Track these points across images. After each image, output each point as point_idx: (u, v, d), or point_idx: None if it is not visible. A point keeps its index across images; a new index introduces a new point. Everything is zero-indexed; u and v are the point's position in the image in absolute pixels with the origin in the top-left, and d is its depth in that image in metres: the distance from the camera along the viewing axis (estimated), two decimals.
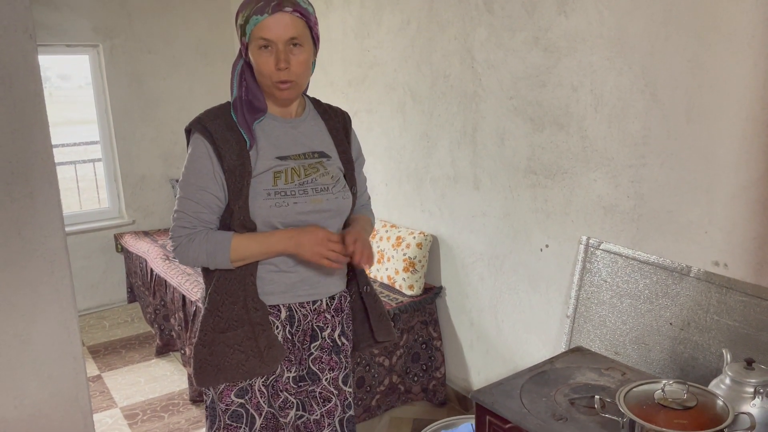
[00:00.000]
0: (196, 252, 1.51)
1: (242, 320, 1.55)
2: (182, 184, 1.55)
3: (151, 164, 4.49)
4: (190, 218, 1.52)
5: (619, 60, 2.08)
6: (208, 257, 1.51)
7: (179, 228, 1.54)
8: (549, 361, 1.99)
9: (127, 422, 3.02)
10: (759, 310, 1.80)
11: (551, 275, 2.47)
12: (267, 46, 1.47)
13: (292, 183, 1.56)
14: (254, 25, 1.46)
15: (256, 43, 1.48)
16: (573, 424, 1.64)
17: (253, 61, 1.50)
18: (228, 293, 1.55)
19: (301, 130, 1.63)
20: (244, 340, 1.54)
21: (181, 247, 1.53)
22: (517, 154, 2.53)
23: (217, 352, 1.55)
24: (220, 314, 1.55)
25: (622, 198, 2.15)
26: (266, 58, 1.48)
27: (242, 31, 1.50)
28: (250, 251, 1.52)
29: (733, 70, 1.79)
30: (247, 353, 1.55)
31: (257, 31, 1.46)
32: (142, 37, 4.32)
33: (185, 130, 1.59)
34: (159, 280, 3.60)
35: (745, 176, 1.80)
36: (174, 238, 1.55)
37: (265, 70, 1.49)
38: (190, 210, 1.52)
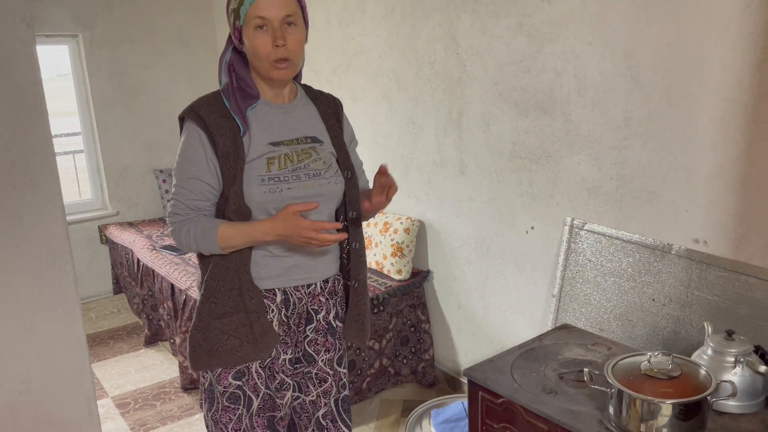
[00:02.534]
0: (187, 239, 1.55)
1: (237, 307, 1.58)
2: (176, 172, 1.58)
3: (134, 155, 4.46)
4: (183, 206, 1.56)
5: (601, 44, 2.13)
6: (197, 244, 1.55)
7: (174, 215, 1.58)
8: (537, 338, 2.06)
9: (119, 411, 3.04)
10: (737, 285, 1.88)
11: (537, 256, 2.53)
12: (263, 26, 1.49)
13: (285, 169, 1.57)
14: (249, 5, 1.48)
15: (251, 23, 1.50)
16: (563, 397, 1.70)
17: (249, 43, 1.52)
18: (223, 280, 1.57)
19: (293, 115, 1.65)
20: (238, 326, 1.58)
21: (175, 233, 1.58)
22: (502, 139, 2.58)
23: (211, 337, 1.59)
24: (215, 300, 1.58)
25: (606, 179, 2.21)
26: (262, 38, 1.50)
27: (236, 15, 1.52)
28: (236, 242, 1.54)
29: (711, 53, 1.85)
30: (241, 339, 1.58)
31: (253, 11, 1.49)
32: (122, 26, 4.28)
33: (179, 118, 1.60)
34: (146, 270, 3.60)
35: (723, 156, 1.87)
36: (170, 224, 1.59)
37: (262, 50, 1.51)
38: (184, 198, 1.55)
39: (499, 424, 1.80)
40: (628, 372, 1.58)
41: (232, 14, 1.53)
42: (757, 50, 1.74)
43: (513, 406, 1.73)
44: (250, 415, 1.67)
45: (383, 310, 2.95)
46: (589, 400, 1.67)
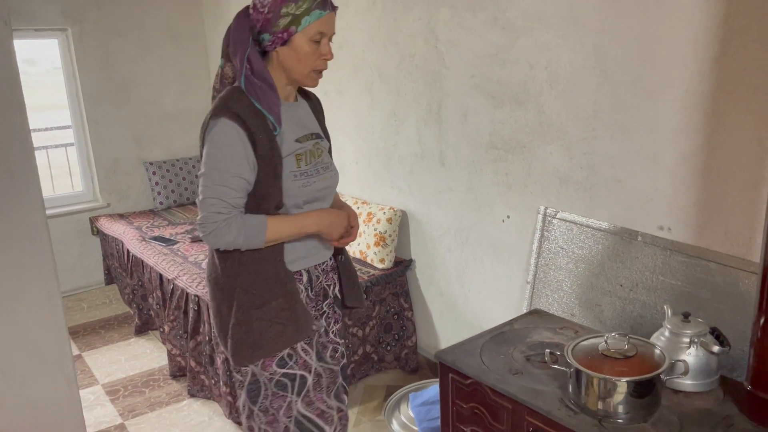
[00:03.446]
0: (234, 236, 1.55)
1: (275, 293, 1.63)
2: (214, 171, 1.54)
3: (125, 147, 4.52)
4: (226, 204, 1.54)
5: (572, 38, 2.19)
6: (245, 240, 1.56)
7: (215, 214, 1.54)
8: (508, 322, 2.13)
9: (109, 398, 3.11)
10: (698, 270, 1.95)
11: (513, 244, 2.60)
12: (318, 40, 1.56)
13: (310, 164, 1.68)
14: (316, 18, 1.53)
15: (310, 34, 1.54)
16: (527, 377, 1.78)
17: (298, 50, 1.55)
18: (259, 272, 1.62)
19: (299, 113, 1.73)
20: (279, 311, 1.63)
21: (217, 233, 1.54)
22: (479, 131, 2.64)
23: (254, 329, 1.61)
24: (254, 292, 1.61)
25: (576, 169, 2.28)
26: (314, 49, 1.56)
27: (295, 21, 1.52)
28: (285, 233, 1.61)
29: (675, 46, 1.91)
30: (284, 324, 1.63)
31: (317, 25, 1.54)
32: (111, 20, 4.32)
33: (210, 117, 1.56)
34: (136, 260, 3.66)
35: (686, 145, 1.94)
36: (208, 224, 1.54)
37: (310, 60, 1.57)
38: (228, 196, 1.54)
39: (468, 404, 1.87)
40: (587, 353, 1.65)
41: (288, 17, 1.52)
42: (716, 44, 1.81)
43: (480, 386, 1.81)
44: (306, 394, 1.69)
45: (367, 298, 3.02)
46: (552, 380, 1.74)
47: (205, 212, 1.55)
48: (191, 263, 3.35)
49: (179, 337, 3.15)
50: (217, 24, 4.54)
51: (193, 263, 3.34)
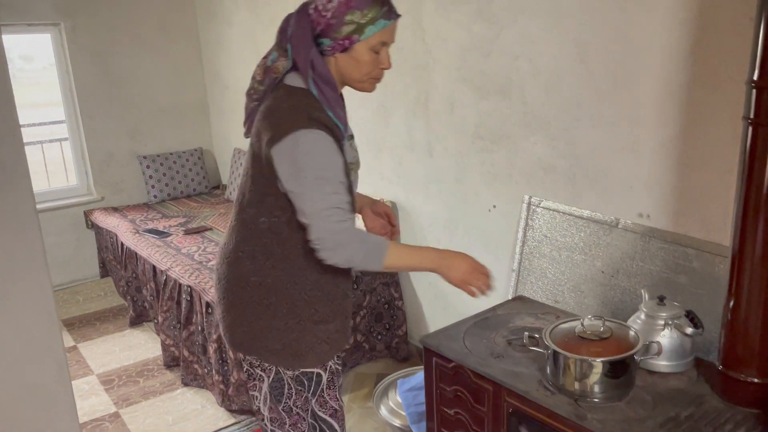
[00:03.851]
0: (352, 252, 1.49)
1: (335, 314, 1.62)
2: (321, 181, 1.46)
3: (118, 141, 4.55)
4: (343, 211, 1.48)
5: (554, 30, 2.23)
6: (364, 257, 1.50)
7: (338, 223, 1.46)
8: (492, 308, 2.18)
9: (104, 387, 3.16)
10: (676, 255, 2.00)
11: (499, 234, 2.65)
12: (379, 50, 1.51)
13: (357, 167, 1.65)
14: (381, 28, 1.47)
15: (374, 43, 1.49)
16: (508, 360, 1.83)
17: (360, 58, 1.50)
18: (323, 288, 1.59)
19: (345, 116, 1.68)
20: (333, 332, 1.62)
21: (336, 245, 1.47)
22: (465, 122, 2.69)
23: (305, 340, 1.59)
24: (316, 307, 1.59)
25: (559, 159, 2.33)
26: (374, 56, 1.51)
27: (358, 29, 1.46)
28: (403, 262, 1.58)
29: (652, 37, 1.96)
30: (332, 345, 1.62)
31: (382, 35, 1.49)
32: (103, 14, 4.35)
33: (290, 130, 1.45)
34: (129, 253, 3.70)
35: (664, 134, 1.99)
36: (327, 237, 1.46)
37: (369, 68, 1.52)
38: (342, 203, 1.48)
39: (451, 386, 1.92)
40: (564, 335, 1.70)
41: (352, 25, 1.46)
42: (691, 35, 1.85)
43: (463, 369, 1.86)
44: (320, 393, 1.68)
45: (358, 288, 3.07)
46: (531, 363, 1.79)
47: (322, 226, 1.45)
48: (184, 255, 3.39)
49: (172, 328, 3.20)
50: (210, 18, 4.57)
51: (186, 255, 3.39)
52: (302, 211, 1.48)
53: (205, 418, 2.84)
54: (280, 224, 1.54)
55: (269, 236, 1.55)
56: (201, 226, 3.92)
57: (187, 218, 4.13)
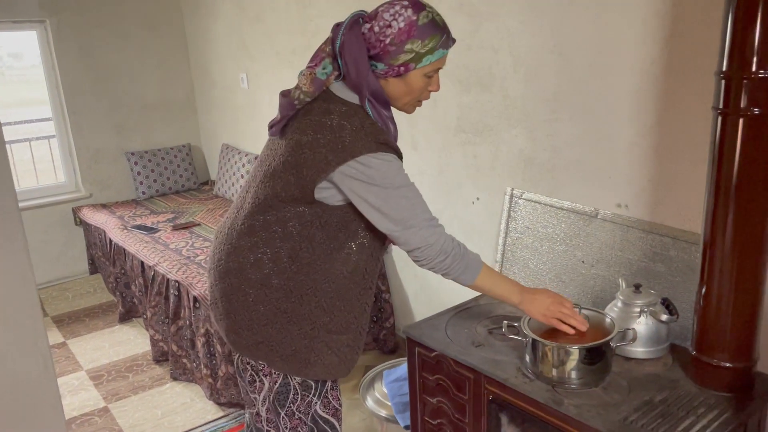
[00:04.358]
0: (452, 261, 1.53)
1: (350, 327, 1.59)
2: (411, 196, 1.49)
3: (106, 137, 4.55)
4: (435, 218, 1.53)
5: (532, 23, 2.26)
6: (460, 270, 1.55)
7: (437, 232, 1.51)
8: (474, 299, 2.21)
9: (93, 383, 3.17)
10: (653, 244, 2.04)
11: (482, 225, 2.68)
12: (432, 75, 1.52)
13: None
14: (438, 57, 1.48)
15: (427, 70, 1.48)
16: (488, 348, 1.86)
17: (413, 83, 1.49)
18: (346, 299, 1.57)
19: None
20: (344, 346, 1.59)
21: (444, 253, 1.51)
22: (448, 115, 2.71)
23: (316, 348, 1.56)
24: (333, 316, 1.56)
25: (540, 151, 2.35)
26: (426, 82, 1.51)
27: (417, 58, 1.45)
28: (491, 285, 1.61)
29: (627, 29, 1.98)
30: (341, 358, 1.60)
31: (438, 63, 1.49)
32: (89, 11, 4.34)
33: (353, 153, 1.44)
34: (118, 249, 3.71)
35: (639, 125, 2.02)
36: (436, 245, 1.50)
37: (418, 92, 1.52)
38: (429, 210, 1.53)
39: (433, 375, 1.95)
40: (542, 323, 1.74)
41: (411, 53, 1.44)
42: (666, 26, 1.88)
43: (444, 358, 1.89)
44: (324, 395, 1.66)
45: None
46: (511, 351, 1.83)
47: (424, 237, 1.48)
48: (172, 250, 3.40)
49: (161, 323, 3.22)
50: (195, 12, 4.57)
51: (174, 250, 3.40)
52: (394, 221, 1.47)
53: (194, 412, 2.86)
54: (313, 230, 1.51)
55: (298, 240, 1.51)
56: (189, 221, 3.93)
57: (175, 214, 4.15)
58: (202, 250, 3.38)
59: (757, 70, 1.41)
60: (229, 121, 4.57)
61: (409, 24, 1.43)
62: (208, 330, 2.79)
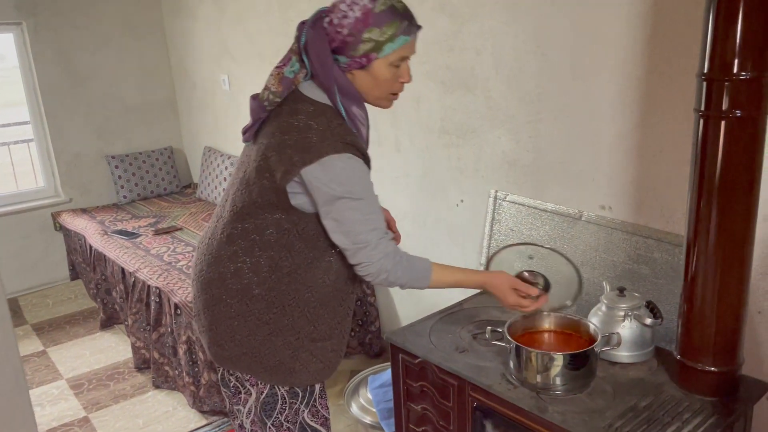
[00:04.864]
0: (398, 276, 1.50)
1: (333, 332, 1.58)
2: (364, 204, 1.43)
3: (85, 141, 4.48)
4: (385, 232, 1.48)
5: (514, 24, 2.24)
6: (409, 281, 1.53)
7: (382, 248, 1.45)
8: (458, 303, 2.19)
9: (73, 392, 3.11)
10: (637, 246, 2.02)
11: (467, 228, 2.66)
12: (399, 65, 1.46)
13: None
14: (401, 45, 1.42)
15: (392, 59, 1.43)
16: (472, 354, 1.84)
17: (378, 74, 1.44)
18: (329, 307, 1.55)
19: None
20: (329, 351, 1.58)
21: (383, 270, 1.47)
22: (431, 116, 2.68)
23: (300, 357, 1.54)
24: (317, 325, 1.54)
25: (523, 152, 2.33)
26: (393, 73, 1.45)
27: (377, 47, 1.40)
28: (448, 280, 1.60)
29: (609, 29, 1.97)
30: (326, 363, 1.58)
31: (402, 51, 1.43)
32: (66, 12, 4.27)
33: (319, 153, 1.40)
34: (98, 255, 3.65)
35: (622, 126, 2.00)
36: (375, 262, 1.45)
37: (387, 84, 1.47)
38: (382, 224, 1.47)
39: (417, 382, 1.92)
40: (525, 329, 1.72)
41: (370, 43, 1.39)
42: (647, 26, 1.87)
43: (428, 365, 1.86)
44: (313, 403, 1.64)
45: None
46: (495, 357, 1.80)
47: (367, 253, 1.43)
48: (153, 256, 3.35)
49: (142, 330, 3.16)
50: (175, 13, 4.51)
51: (155, 256, 3.35)
52: (344, 233, 1.43)
53: (176, 420, 2.82)
54: (291, 238, 1.48)
55: (277, 249, 1.48)
56: (171, 226, 3.87)
57: (157, 218, 4.09)
58: (184, 256, 3.33)
59: (739, 71, 1.40)
60: (212, 123, 4.51)
61: (364, 12, 1.39)
62: (189, 337, 2.74)
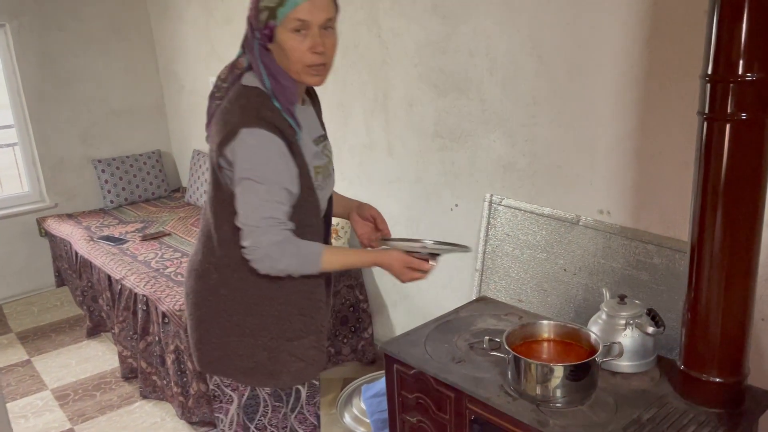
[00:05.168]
0: (286, 264, 1.44)
1: (309, 329, 1.55)
2: (261, 188, 1.40)
3: (70, 145, 4.39)
4: (277, 222, 1.41)
5: (509, 25, 2.19)
6: (298, 268, 1.46)
7: (268, 236, 1.40)
8: (454, 311, 2.13)
9: (58, 403, 3.03)
10: (637, 252, 1.98)
11: (461, 232, 2.60)
12: (300, 30, 1.38)
13: (325, 170, 1.55)
14: (292, 8, 1.36)
15: (289, 25, 1.38)
16: (469, 365, 1.78)
17: (284, 44, 1.40)
18: (295, 303, 1.53)
19: (310, 114, 1.59)
20: (308, 349, 1.56)
21: (268, 258, 1.42)
22: (424, 120, 2.63)
23: (279, 359, 1.53)
24: (289, 323, 1.53)
25: (518, 156, 2.28)
26: (299, 42, 1.39)
27: (271, 14, 1.39)
28: (341, 264, 1.52)
29: (606, 30, 1.92)
30: (308, 362, 1.56)
31: (294, 14, 1.37)
32: (50, 14, 4.18)
33: (237, 127, 1.40)
34: (84, 261, 3.57)
35: (620, 129, 1.96)
36: (260, 247, 1.41)
37: (297, 54, 1.40)
38: (278, 212, 1.41)
39: (413, 394, 1.87)
40: (524, 338, 1.66)
41: (266, 11, 1.39)
42: (645, 27, 1.82)
43: (423, 376, 1.80)
44: (300, 409, 1.62)
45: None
46: (493, 367, 1.75)
47: (255, 236, 1.40)
48: (140, 262, 3.27)
49: (129, 338, 3.09)
50: (163, 14, 4.43)
51: (143, 262, 3.27)
52: (238, 215, 1.42)
53: None
54: None
55: (235, 247, 1.45)
56: (159, 231, 3.80)
57: (144, 223, 4.00)
58: (172, 262, 3.26)
59: (744, 73, 1.35)
60: (200, 126, 4.41)
61: None
62: (178, 346, 2.67)
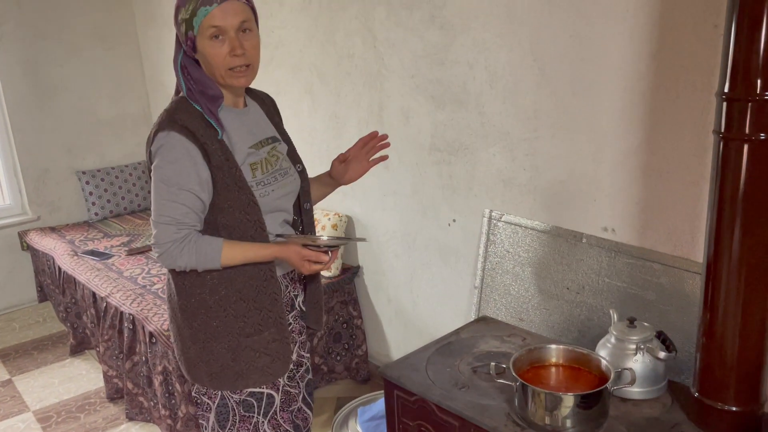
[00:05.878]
0: (186, 260, 1.50)
1: (268, 323, 1.58)
2: (163, 186, 1.48)
3: (54, 156, 4.27)
4: (177, 222, 1.48)
5: (509, 36, 2.13)
6: (198, 263, 1.51)
7: (167, 236, 1.48)
8: (455, 332, 2.06)
9: (41, 426, 2.92)
10: (643, 271, 1.92)
11: (459, 248, 2.54)
12: (218, 36, 1.46)
13: (267, 172, 1.59)
14: (203, 16, 1.44)
15: (206, 33, 1.46)
16: (474, 391, 1.71)
17: (205, 52, 1.48)
18: (252, 299, 1.57)
19: (251, 118, 1.64)
20: (270, 342, 1.59)
21: (168, 255, 1.49)
22: (421, 132, 2.56)
23: (242, 357, 1.57)
24: (246, 319, 1.57)
25: (519, 171, 2.22)
26: (218, 48, 1.47)
27: (188, 25, 1.47)
28: (241, 259, 1.54)
29: (611, 43, 1.87)
30: (272, 356, 1.60)
31: (207, 21, 1.45)
32: (33, 22, 4.07)
33: (154, 132, 1.50)
34: (67, 277, 3.46)
35: (626, 144, 1.90)
36: (160, 245, 1.49)
37: (218, 60, 1.47)
38: (178, 212, 1.47)
39: (414, 421, 1.79)
40: (532, 363, 1.60)
41: (183, 24, 1.47)
42: (653, 40, 1.77)
43: (426, 403, 1.73)
44: (272, 415, 1.65)
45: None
46: (499, 393, 1.68)
47: (157, 233, 1.49)
48: (126, 278, 3.17)
49: (115, 358, 2.98)
50: (149, 22, 4.34)
51: (129, 278, 3.17)
52: (152, 212, 1.51)
53: None
54: None
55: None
56: (145, 245, 3.69)
57: (130, 237, 3.90)
58: (159, 278, 3.16)
59: (762, 91, 1.30)
60: None
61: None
62: (166, 367, 2.57)
